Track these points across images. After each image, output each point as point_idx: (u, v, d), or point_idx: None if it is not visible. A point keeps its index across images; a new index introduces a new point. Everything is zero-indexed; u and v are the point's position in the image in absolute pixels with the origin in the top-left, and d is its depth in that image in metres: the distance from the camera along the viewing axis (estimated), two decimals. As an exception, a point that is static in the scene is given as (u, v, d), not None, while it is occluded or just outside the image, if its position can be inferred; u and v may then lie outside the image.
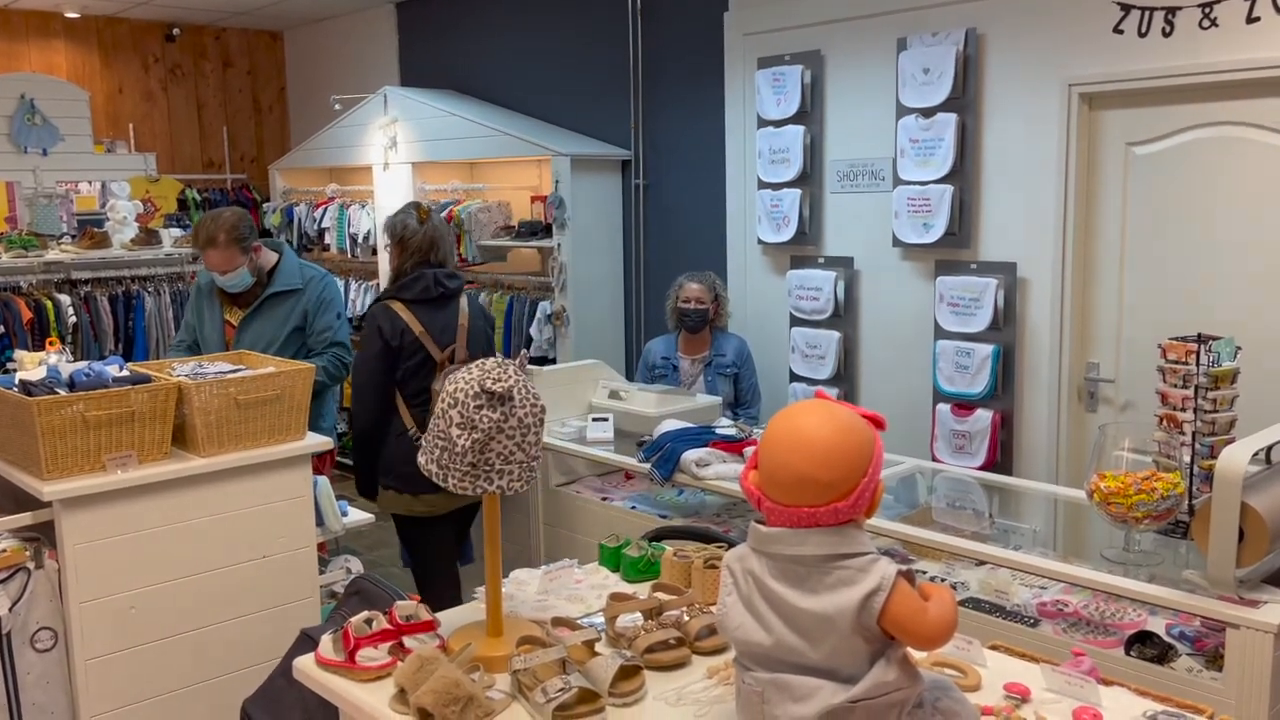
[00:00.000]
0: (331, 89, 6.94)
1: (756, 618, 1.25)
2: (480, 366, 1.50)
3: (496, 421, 1.47)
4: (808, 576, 1.23)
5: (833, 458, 1.23)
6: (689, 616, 1.57)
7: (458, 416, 1.46)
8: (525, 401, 1.50)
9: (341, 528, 2.93)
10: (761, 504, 1.27)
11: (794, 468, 1.24)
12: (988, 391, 4.12)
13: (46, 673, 2.48)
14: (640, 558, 1.86)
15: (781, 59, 4.73)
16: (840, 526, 1.24)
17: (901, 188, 4.31)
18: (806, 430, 1.25)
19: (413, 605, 1.61)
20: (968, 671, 1.46)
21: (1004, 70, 4.04)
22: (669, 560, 1.80)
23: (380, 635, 1.53)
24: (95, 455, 2.51)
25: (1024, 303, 4.08)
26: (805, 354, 4.77)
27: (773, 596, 1.24)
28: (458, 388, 1.49)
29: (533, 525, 3.93)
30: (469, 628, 1.65)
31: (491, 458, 1.49)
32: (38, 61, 6.91)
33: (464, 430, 1.46)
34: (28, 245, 4.99)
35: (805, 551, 1.23)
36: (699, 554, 1.77)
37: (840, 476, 1.23)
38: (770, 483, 1.26)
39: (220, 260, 3.66)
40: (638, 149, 5.55)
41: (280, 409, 2.72)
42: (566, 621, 1.59)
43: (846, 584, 1.20)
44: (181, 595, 2.63)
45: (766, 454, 1.28)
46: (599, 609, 1.70)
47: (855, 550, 1.22)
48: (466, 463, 1.48)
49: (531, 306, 5.68)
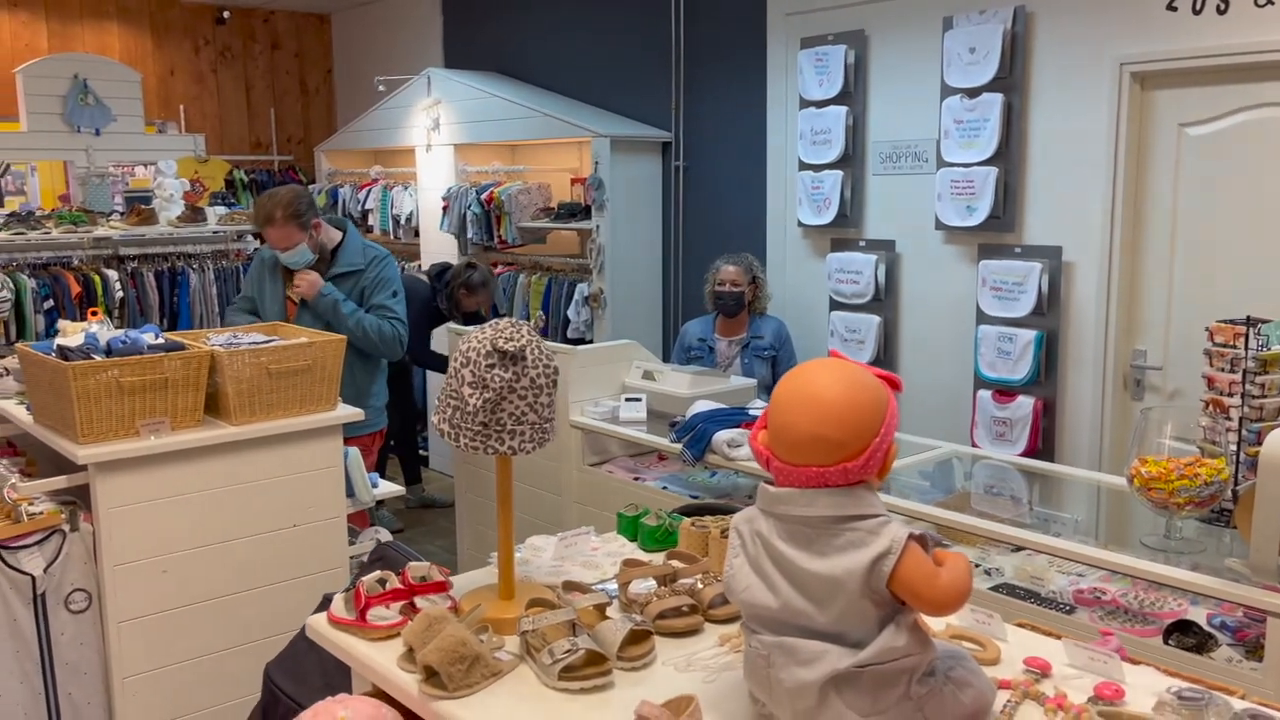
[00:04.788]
0: (376, 71, 6.99)
1: (764, 580, 1.22)
2: (494, 326, 1.49)
3: (508, 381, 1.45)
4: (816, 538, 1.20)
5: (843, 416, 1.19)
6: (703, 584, 1.54)
7: (469, 375, 1.45)
8: (538, 362, 1.49)
9: (371, 499, 2.95)
10: (770, 464, 1.24)
11: (802, 426, 1.20)
12: (1030, 378, 4.04)
13: (80, 634, 2.52)
14: (658, 527, 1.84)
15: (825, 39, 4.66)
16: (850, 487, 1.20)
17: (945, 170, 4.23)
18: (816, 387, 1.21)
19: (425, 566, 1.61)
20: (986, 645, 1.42)
21: (1053, 49, 3.94)
22: (686, 529, 1.77)
23: (392, 595, 1.53)
24: (129, 420, 2.54)
25: (1069, 287, 3.99)
26: (845, 338, 4.70)
27: (780, 558, 1.21)
28: (470, 346, 1.48)
29: (565, 504, 3.92)
30: (481, 590, 1.64)
31: (503, 417, 1.48)
32: (91, 43, 7.04)
33: (475, 389, 1.44)
34: (77, 220, 5.09)
35: (814, 512, 1.20)
36: (716, 524, 1.74)
37: (850, 435, 1.19)
38: (779, 441, 1.23)
39: (278, 237, 3.68)
40: (678, 130, 5.51)
41: (311, 379, 2.74)
42: (578, 586, 1.57)
43: (856, 546, 1.17)
44: (212, 561, 2.66)
45: (775, 412, 1.24)
46: (614, 576, 1.68)
47: (865, 512, 1.19)
48: (478, 422, 1.47)
49: (569, 288, 5.68)
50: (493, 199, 5.90)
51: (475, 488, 4.40)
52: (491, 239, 5.99)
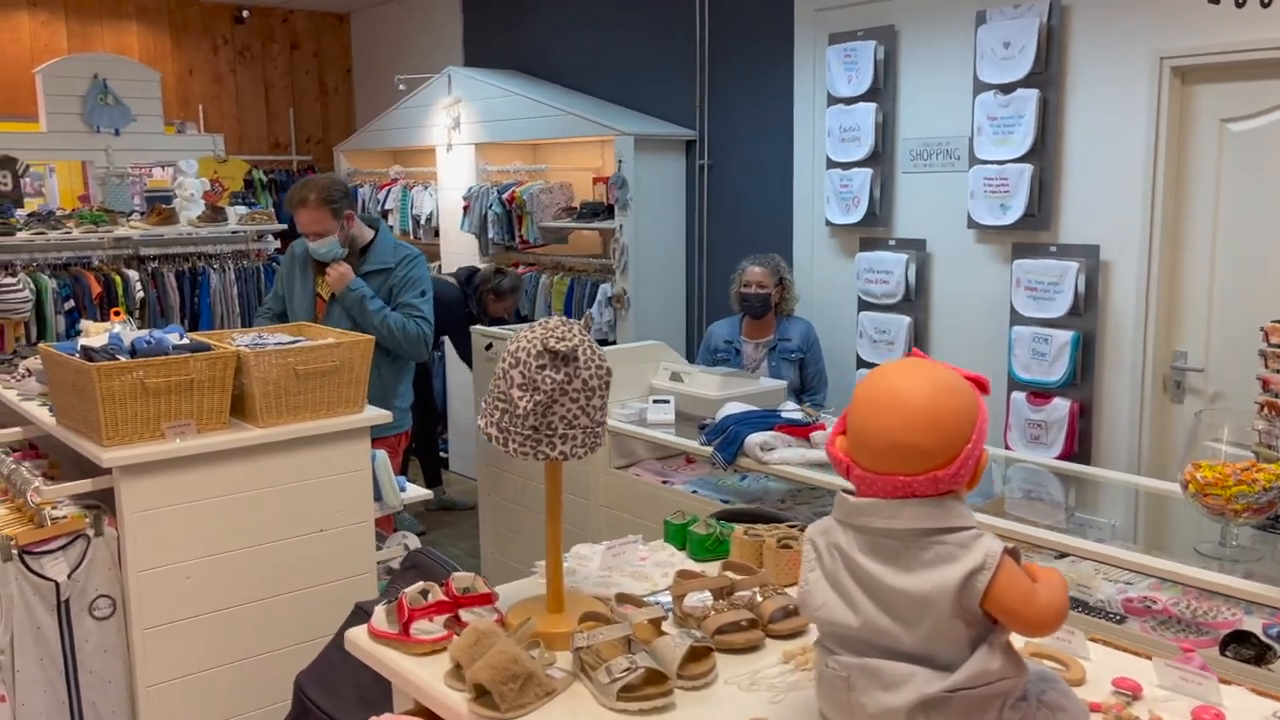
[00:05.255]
0: (396, 70, 6.94)
1: (843, 596, 1.14)
2: (543, 325, 1.41)
3: (560, 383, 1.38)
4: (902, 552, 1.12)
5: (933, 421, 1.12)
6: (762, 597, 1.47)
7: (519, 377, 1.38)
8: (590, 363, 1.41)
9: (400, 503, 2.88)
10: (850, 472, 1.16)
11: (889, 432, 1.13)
12: (1066, 380, 3.95)
13: (104, 641, 2.46)
14: (708, 535, 1.76)
15: (854, 35, 4.58)
16: (939, 498, 1.13)
17: (978, 167, 4.15)
18: (904, 390, 1.14)
19: (470, 577, 1.54)
20: (1070, 664, 1.34)
21: (1090, 43, 3.85)
22: (739, 538, 1.69)
23: (436, 607, 1.46)
24: (154, 423, 2.48)
25: (1106, 287, 3.90)
26: (874, 339, 4.62)
27: (862, 574, 1.14)
28: (519, 346, 1.40)
29: (592, 508, 3.85)
30: (528, 602, 1.56)
31: (554, 421, 1.40)
32: (110, 42, 7.01)
33: (525, 391, 1.37)
34: (98, 220, 5.04)
35: (900, 525, 1.12)
36: (771, 533, 1.66)
37: (941, 442, 1.12)
38: (861, 448, 1.15)
39: (310, 220, 3.61)
40: (702, 129, 5.44)
41: (339, 381, 2.68)
42: (631, 599, 1.49)
43: (946, 561, 1.09)
44: (238, 566, 2.60)
45: (858, 417, 1.17)
46: (665, 587, 1.60)
47: (956, 524, 1.11)
48: (528, 426, 1.39)
49: (592, 289, 5.61)
50: (514, 198, 5.84)
51: (499, 490, 4.33)
52: (513, 239, 5.93)
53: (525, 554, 4.17)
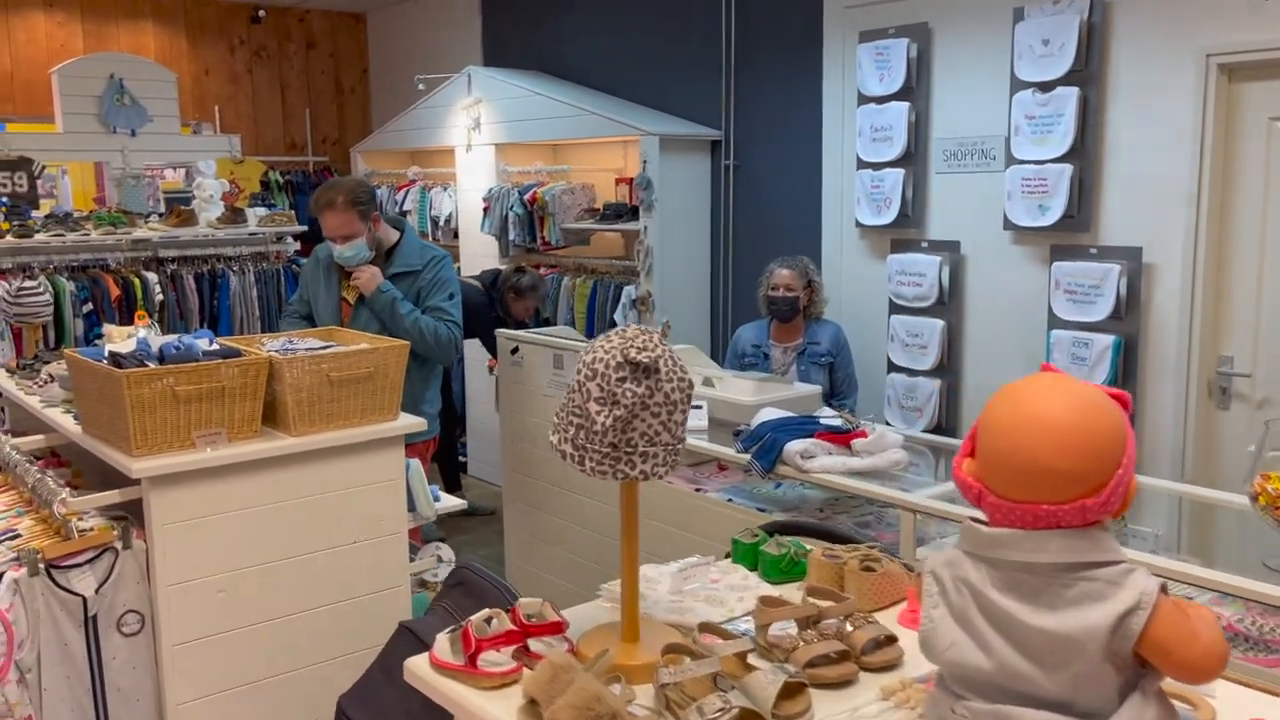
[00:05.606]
0: (413, 70, 6.86)
1: (973, 636, 1.05)
2: (621, 334, 1.32)
3: (641, 397, 1.29)
4: (1043, 589, 1.02)
5: (1083, 444, 1.02)
6: (852, 626, 1.37)
7: (596, 390, 1.29)
8: (672, 375, 1.32)
9: (434, 513, 2.80)
10: (983, 499, 1.07)
11: (1032, 456, 1.03)
12: (1107, 384, 3.83)
13: (133, 657, 2.38)
14: (782, 556, 1.67)
15: (885, 32, 4.49)
16: (1085, 529, 1.03)
17: (1015, 167, 4.06)
18: (1047, 410, 1.04)
19: (537, 603, 1.45)
20: (1200, 705, 1.24)
21: (1133, 40, 3.76)
22: (817, 560, 1.60)
23: (504, 637, 1.36)
24: (185, 432, 2.40)
25: (1149, 290, 3.80)
26: (905, 343, 4.53)
27: (996, 612, 1.04)
28: (596, 357, 1.31)
29: (620, 516, 3.76)
30: (601, 631, 1.47)
31: (634, 438, 1.31)
32: (126, 42, 6.95)
33: (604, 406, 1.28)
34: (116, 222, 4.98)
35: (1043, 559, 1.02)
36: (851, 554, 1.57)
37: (1090, 467, 1.02)
38: (997, 474, 1.05)
39: (337, 224, 3.52)
40: (728, 129, 5.35)
41: (373, 387, 2.60)
42: (713, 628, 1.40)
43: (1095, 599, 0.99)
44: (269, 580, 2.52)
45: (993, 439, 1.07)
46: (742, 613, 1.51)
47: (1105, 558, 1.01)
48: (606, 443, 1.30)
49: (616, 291, 5.53)
50: (536, 199, 5.76)
51: (524, 496, 4.25)
52: (534, 240, 5.85)
53: (553, 563, 4.09)
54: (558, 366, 3.97)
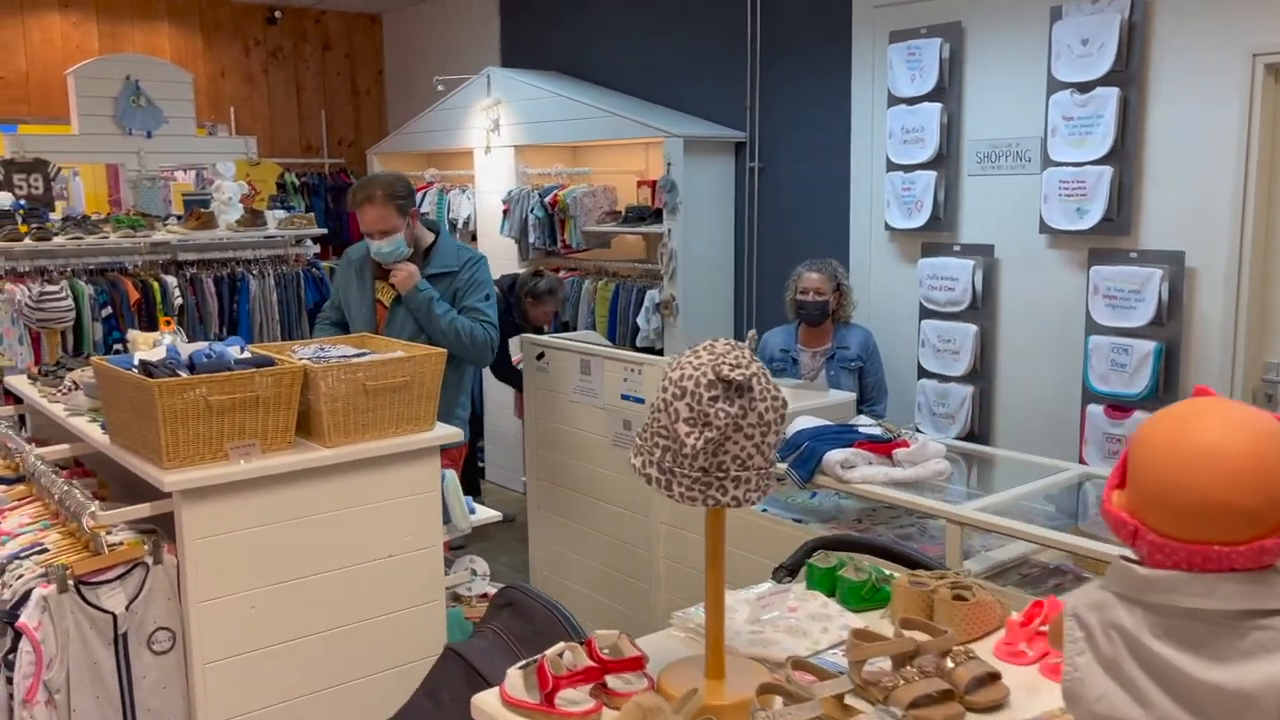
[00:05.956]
0: (429, 72, 6.80)
1: (1127, 688, 0.96)
2: (709, 349, 1.24)
3: (734, 417, 1.20)
4: (1212, 638, 0.93)
5: (1260, 478, 0.93)
6: (953, 663, 1.29)
7: (686, 410, 1.20)
8: (766, 393, 1.24)
9: (469, 525, 2.73)
10: (1139, 537, 0.97)
11: (1202, 491, 0.94)
12: (1148, 392, 3.76)
13: (163, 676, 2.31)
14: (863, 582, 1.57)
15: (917, 32, 4.41)
16: (1261, 571, 0.94)
17: (1052, 169, 3.98)
18: (1217, 439, 0.95)
19: (613, 635, 1.37)
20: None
21: (1176, 39, 3.67)
22: (903, 588, 1.50)
23: (582, 674, 1.28)
24: (217, 443, 2.33)
25: (1192, 295, 3.71)
26: (937, 348, 4.45)
27: (1155, 662, 0.95)
28: (684, 374, 1.23)
29: (651, 525, 3.69)
30: (683, 666, 1.39)
31: (726, 461, 1.23)
32: (141, 43, 6.90)
33: (694, 427, 1.20)
34: (135, 225, 4.91)
35: (1212, 605, 0.93)
36: (939, 580, 1.49)
37: (1270, 503, 0.93)
38: (1157, 510, 0.96)
39: (375, 218, 3.45)
40: (753, 130, 5.27)
41: (409, 397, 2.52)
42: (805, 664, 1.32)
43: (1273, 650, 0.91)
44: (303, 596, 2.45)
45: (1152, 470, 0.98)
46: (827, 645, 1.42)
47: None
48: (696, 467, 1.22)
49: (638, 295, 5.45)
50: (557, 202, 5.68)
51: (550, 504, 4.17)
52: (555, 243, 5.77)
53: (582, 573, 4.01)
54: (584, 372, 3.90)
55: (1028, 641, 1.33)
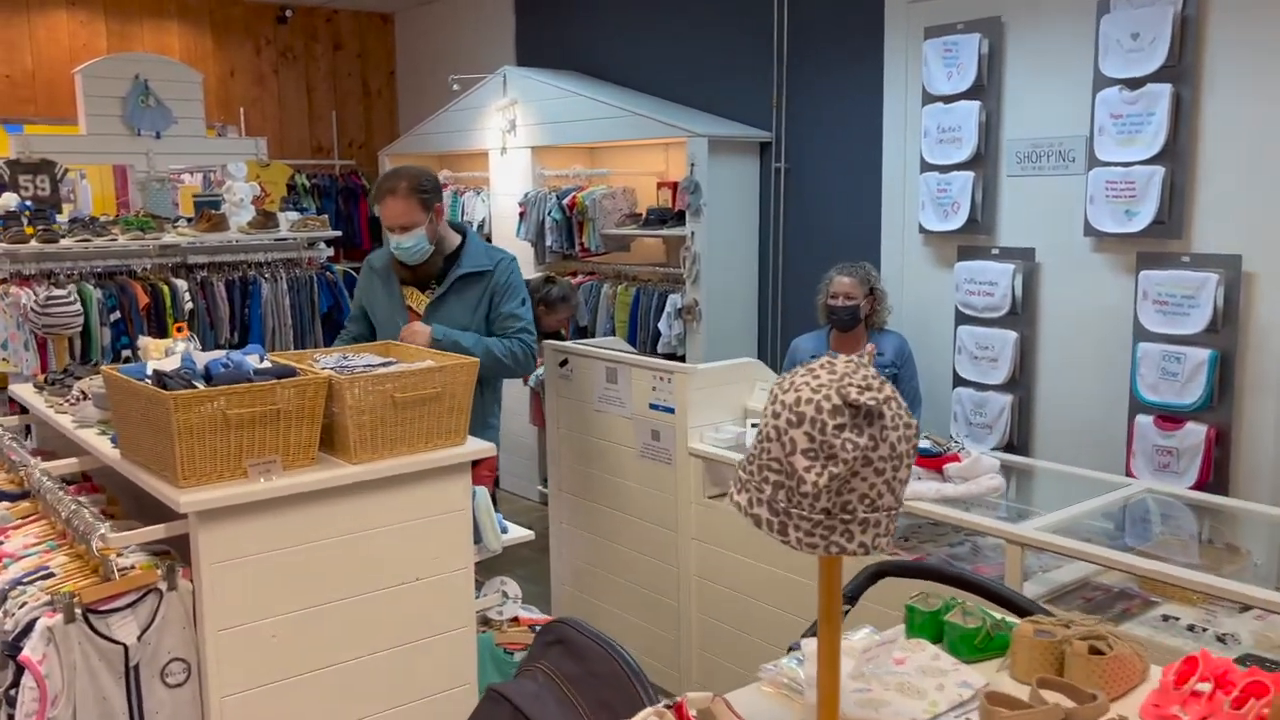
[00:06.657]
0: (441, 71, 6.65)
1: None
2: (828, 366, 1.05)
3: (864, 449, 1.01)
4: None
5: None
6: (1105, 731, 1.13)
7: (805, 440, 1.01)
8: (898, 420, 1.04)
9: (500, 545, 2.57)
10: None
11: None
12: (1202, 403, 3.60)
13: (178, 711, 2.15)
14: (976, 630, 1.39)
15: (954, 27, 4.26)
16: None
17: (1098, 170, 3.82)
18: None
19: (706, 698, 1.19)
20: None
21: (1233, 33, 3.51)
22: (1026, 639, 1.31)
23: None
24: (236, 459, 2.18)
25: (1249, 301, 3.55)
26: (974, 355, 4.29)
27: None
28: (802, 398, 1.03)
29: (680, 541, 3.53)
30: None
31: (852, 501, 1.03)
32: (150, 42, 6.76)
33: (816, 461, 1.01)
34: (144, 227, 4.76)
35: None
36: (1060, 627, 1.31)
37: None
38: None
39: (398, 211, 3.30)
40: (779, 130, 5.12)
41: (440, 409, 2.36)
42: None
43: None
44: (327, 622, 2.29)
45: None
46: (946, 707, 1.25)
47: None
48: (819, 509, 1.03)
49: (660, 299, 5.29)
50: (575, 204, 5.53)
51: (574, 519, 4.01)
52: (573, 246, 5.62)
53: (610, 591, 3.85)
54: (610, 380, 3.74)
55: (1182, 705, 1.16)
